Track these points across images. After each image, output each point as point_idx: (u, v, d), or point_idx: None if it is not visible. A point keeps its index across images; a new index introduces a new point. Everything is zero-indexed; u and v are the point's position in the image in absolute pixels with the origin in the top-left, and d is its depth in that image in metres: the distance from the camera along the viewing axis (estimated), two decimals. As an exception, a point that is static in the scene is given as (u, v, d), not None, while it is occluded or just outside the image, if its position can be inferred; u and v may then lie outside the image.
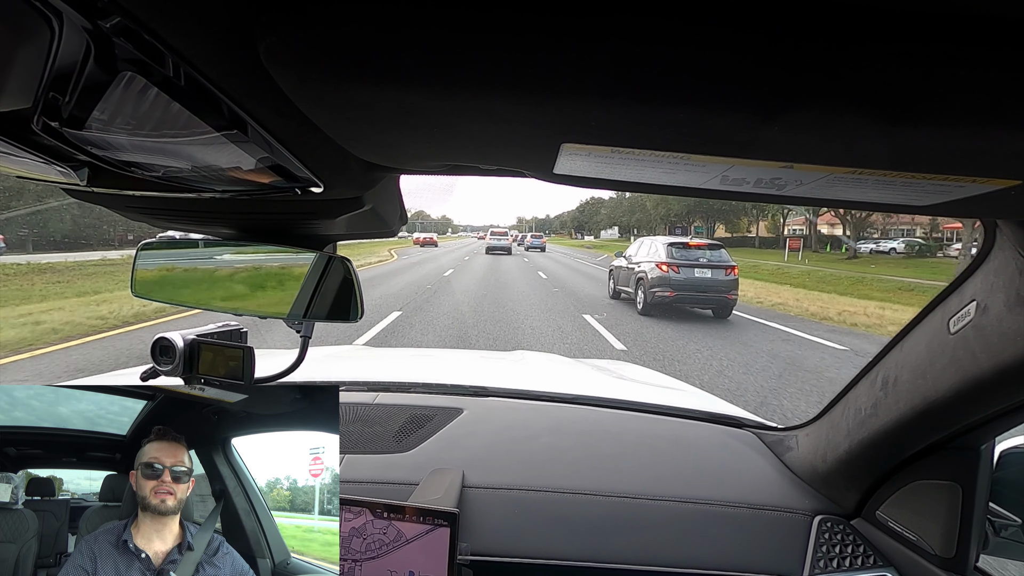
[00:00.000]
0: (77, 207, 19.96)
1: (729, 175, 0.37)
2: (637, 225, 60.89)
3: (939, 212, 0.43)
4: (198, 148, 0.37)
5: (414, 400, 1.18)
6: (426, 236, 49.35)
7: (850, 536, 0.85)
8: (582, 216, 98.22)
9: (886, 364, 0.75)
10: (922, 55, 0.24)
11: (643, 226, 58.13)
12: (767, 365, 5.90)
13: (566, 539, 0.83)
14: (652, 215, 54.36)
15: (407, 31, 0.26)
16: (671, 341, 6.95)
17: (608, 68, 0.26)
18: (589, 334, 7.19)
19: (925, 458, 0.75)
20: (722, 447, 1.06)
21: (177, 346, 0.67)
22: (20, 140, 0.35)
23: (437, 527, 0.69)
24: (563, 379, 1.65)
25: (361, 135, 0.38)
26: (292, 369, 0.76)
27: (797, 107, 0.27)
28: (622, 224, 70.72)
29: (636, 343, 6.71)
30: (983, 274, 0.58)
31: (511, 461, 0.96)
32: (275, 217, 0.62)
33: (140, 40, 0.26)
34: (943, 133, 0.28)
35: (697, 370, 5.51)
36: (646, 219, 57.59)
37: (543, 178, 0.45)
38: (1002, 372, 0.56)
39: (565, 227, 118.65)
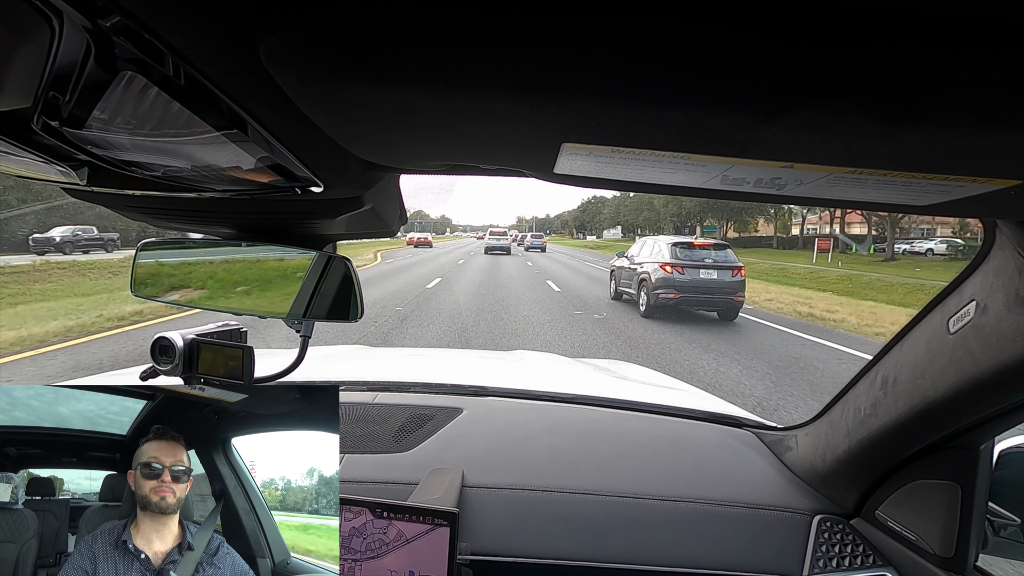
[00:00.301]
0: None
1: (729, 175, 0.37)
2: (643, 224, 57.54)
3: (939, 212, 0.43)
4: (198, 148, 0.37)
5: (414, 400, 1.18)
6: (420, 236, 46.94)
7: (849, 536, 0.85)
8: (584, 215, 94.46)
9: (885, 364, 0.76)
10: (922, 55, 0.24)
11: (650, 225, 55.50)
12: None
13: (566, 539, 0.83)
14: (661, 213, 51.09)
15: (407, 31, 0.26)
16: (700, 366, 5.71)
17: (608, 68, 0.26)
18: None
19: (924, 458, 0.76)
20: (722, 447, 1.06)
21: (177, 346, 0.67)
22: (20, 140, 0.35)
23: (437, 527, 0.69)
24: (563, 379, 1.65)
25: (361, 135, 0.38)
26: (292, 369, 0.76)
27: (797, 107, 0.27)
28: (626, 223, 67.39)
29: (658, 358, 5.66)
30: (982, 274, 0.59)
31: (511, 461, 0.96)
32: (275, 217, 0.62)
33: (140, 39, 0.26)
34: (943, 133, 0.28)
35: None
36: (654, 218, 54.04)
37: (543, 178, 0.45)
38: (1001, 372, 0.56)
39: (566, 227, 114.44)
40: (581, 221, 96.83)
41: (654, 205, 52.40)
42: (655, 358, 5.97)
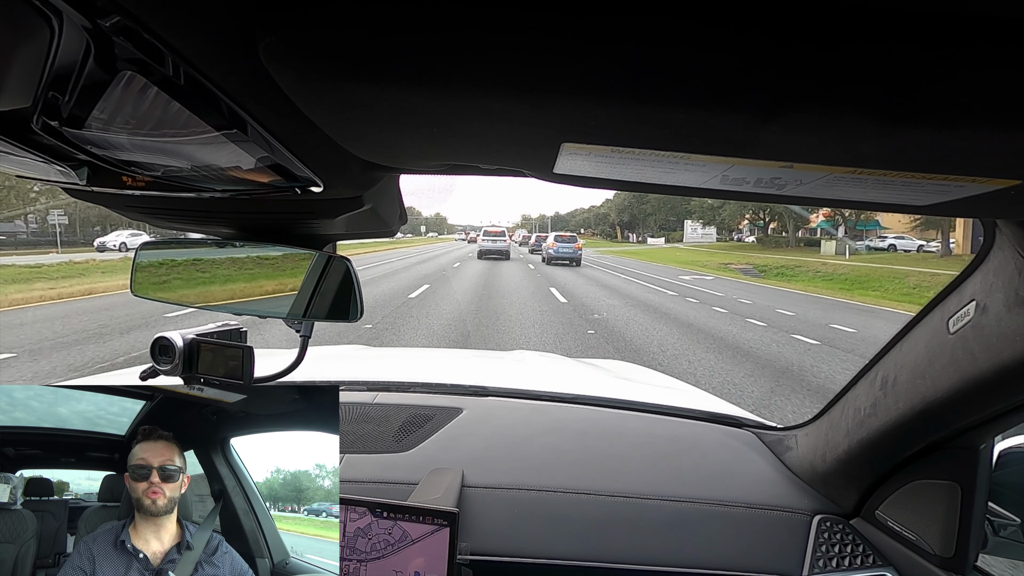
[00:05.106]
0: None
1: (729, 175, 0.37)
2: (730, 219, 41.93)
3: (939, 212, 0.43)
4: (198, 147, 0.37)
5: (414, 400, 1.18)
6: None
7: (849, 536, 0.85)
8: (631, 209, 63.08)
9: (885, 364, 0.76)
10: (922, 55, 0.24)
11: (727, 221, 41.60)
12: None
13: (566, 539, 0.83)
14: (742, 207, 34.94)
15: (407, 31, 0.26)
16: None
17: (608, 68, 0.26)
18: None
19: (924, 458, 0.76)
20: (722, 447, 1.06)
21: (176, 346, 0.67)
22: (20, 140, 0.35)
23: (437, 527, 0.69)
24: (563, 379, 1.65)
25: (360, 135, 0.38)
26: (292, 369, 0.76)
27: (797, 107, 0.27)
28: (721, 221, 44.03)
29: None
30: (982, 274, 0.59)
31: (511, 461, 0.96)
32: (275, 217, 0.62)
33: (140, 39, 0.26)
34: (943, 133, 0.28)
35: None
36: (737, 211, 38.93)
37: (543, 178, 0.45)
38: (1001, 372, 0.56)
39: (590, 227, 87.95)
40: (629, 215, 66.59)
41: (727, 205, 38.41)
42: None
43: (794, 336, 7.50)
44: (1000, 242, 0.56)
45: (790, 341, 7.17)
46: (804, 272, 19.39)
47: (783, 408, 4.33)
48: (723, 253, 31.72)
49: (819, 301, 12.38)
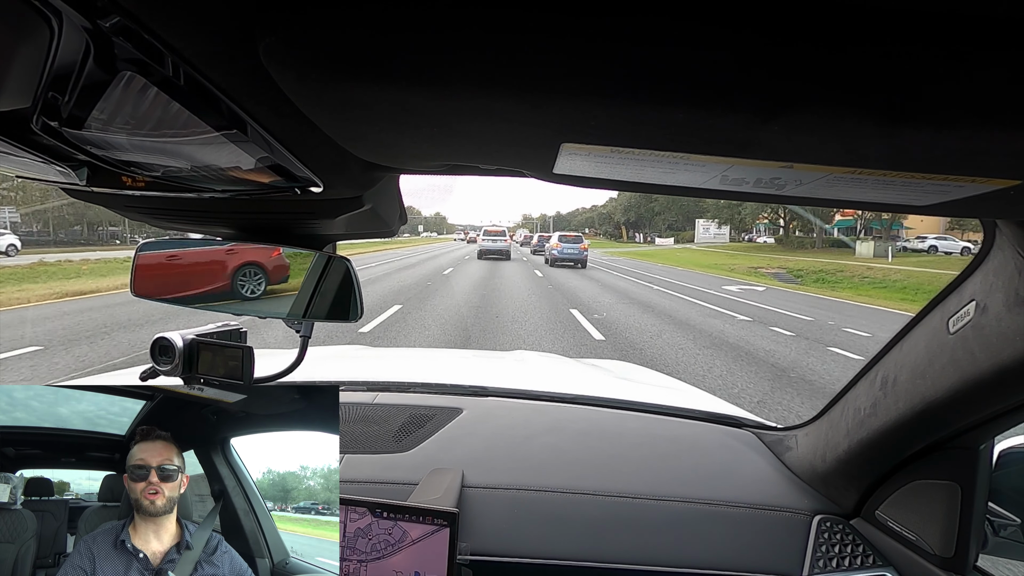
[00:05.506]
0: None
1: (729, 175, 0.37)
2: (750, 219, 39.49)
3: (939, 212, 0.43)
4: (198, 148, 0.37)
5: (414, 400, 1.18)
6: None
7: (849, 536, 0.85)
8: (637, 208, 60.37)
9: (885, 364, 0.75)
10: (922, 55, 0.24)
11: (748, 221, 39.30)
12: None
13: (565, 539, 0.83)
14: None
15: (407, 31, 0.26)
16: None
17: (608, 68, 0.26)
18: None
19: (924, 458, 0.76)
20: (722, 447, 1.06)
21: (176, 346, 0.67)
22: (20, 140, 0.35)
23: (437, 527, 0.69)
24: (563, 379, 1.65)
25: (360, 135, 0.38)
26: (292, 369, 0.76)
27: (797, 107, 0.27)
28: (735, 220, 41.28)
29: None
30: (982, 274, 0.59)
31: (510, 461, 0.96)
32: (275, 217, 0.62)
33: (139, 40, 0.26)
34: (943, 133, 0.28)
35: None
36: (758, 210, 34.94)
37: (543, 178, 0.45)
38: (1001, 372, 0.56)
39: (592, 226, 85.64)
40: (637, 214, 63.73)
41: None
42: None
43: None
44: (1000, 242, 0.56)
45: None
46: (847, 277, 17.38)
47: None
48: (744, 255, 29.04)
49: (897, 316, 9.50)
